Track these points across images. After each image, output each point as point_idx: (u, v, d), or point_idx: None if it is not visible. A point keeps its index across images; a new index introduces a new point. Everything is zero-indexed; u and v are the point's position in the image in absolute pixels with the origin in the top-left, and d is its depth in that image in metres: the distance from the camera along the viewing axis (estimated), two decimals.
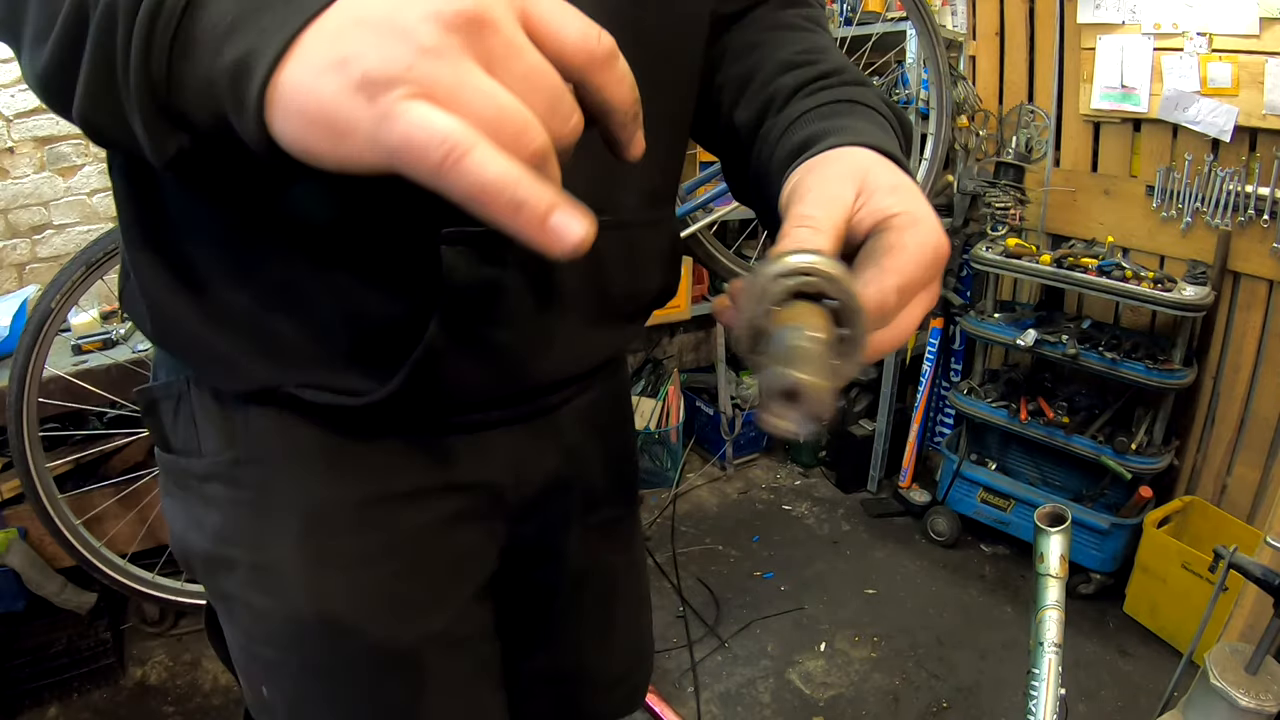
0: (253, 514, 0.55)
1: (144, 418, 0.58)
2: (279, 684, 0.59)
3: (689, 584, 2.28)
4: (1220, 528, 2.08)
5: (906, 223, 0.37)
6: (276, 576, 0.55)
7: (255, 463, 0.54)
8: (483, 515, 0.62)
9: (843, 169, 0.40)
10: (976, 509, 2.42)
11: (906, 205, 0.38)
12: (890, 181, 0.39)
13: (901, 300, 0.36)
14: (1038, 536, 1.03)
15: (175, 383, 0.56)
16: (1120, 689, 1.91)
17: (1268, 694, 1.20)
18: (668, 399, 2.82)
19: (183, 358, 0.54)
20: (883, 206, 0.38)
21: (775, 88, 0.52)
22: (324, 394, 0.51)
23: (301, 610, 0.55)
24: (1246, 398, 2.16)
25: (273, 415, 0.53)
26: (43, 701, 1.79)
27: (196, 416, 0.55)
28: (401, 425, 0.55)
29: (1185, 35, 2.08)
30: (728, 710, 1.84)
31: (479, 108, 0.27)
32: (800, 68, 0.52)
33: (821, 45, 0.55)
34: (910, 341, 2.70)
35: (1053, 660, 0.97)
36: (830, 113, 0.48)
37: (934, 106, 1.89)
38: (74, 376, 1.69)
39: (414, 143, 0.27)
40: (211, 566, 0.57)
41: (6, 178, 2.03)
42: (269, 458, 0.54)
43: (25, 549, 1.73)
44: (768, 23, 0.57)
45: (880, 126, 0.47)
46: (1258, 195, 2.01)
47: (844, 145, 0.42)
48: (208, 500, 0.56)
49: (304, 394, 0.51)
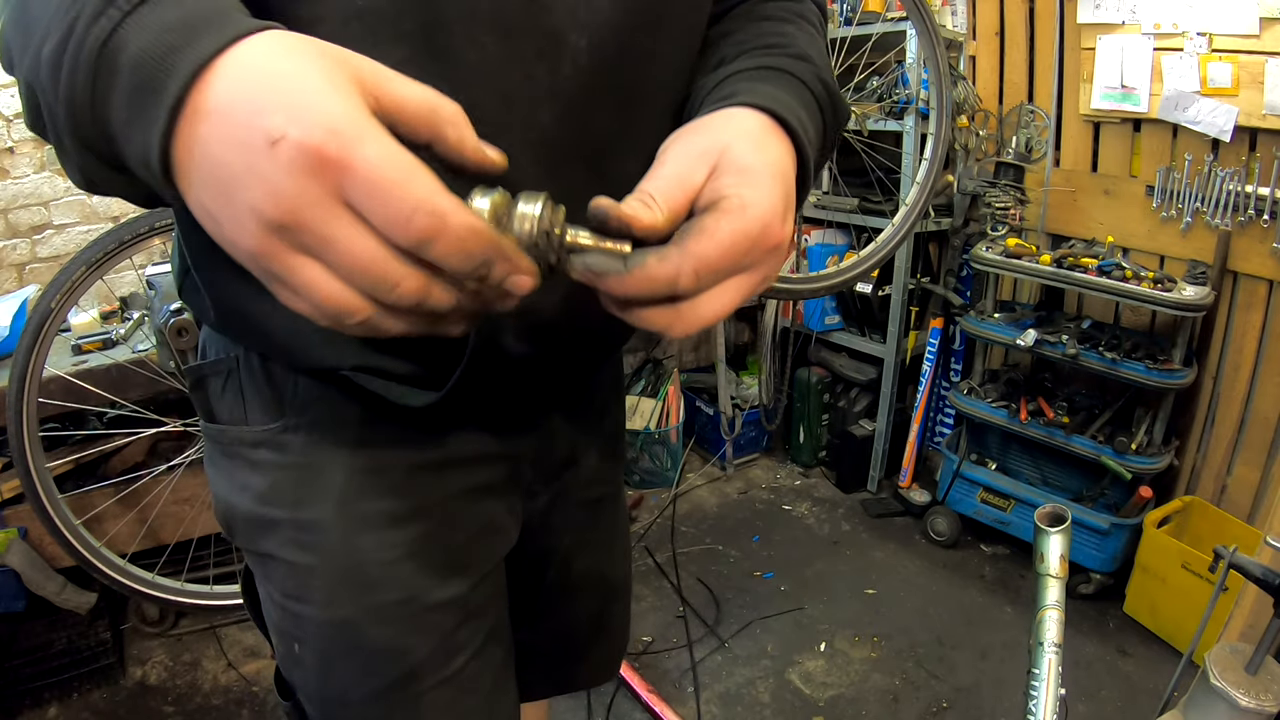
0: (297, 476, 0.59)
1: (191, 393, 0.63)
2: (311, 640, 0.62)
3: (689, 584, 2.28)
4: (1220, 528, 2.08)
5: (731, 207, 0.39)
6: (315, 534, 0.59)
7: (302, 430, 0.59)
8: (506, 489, 0.67)
9: (706, 143, 0.42)
10: (976, 509, 2.42)
11: (741, 190, 0.40)
12: (742, 163, 0.41)
13: (699, 281, 0.39)
14: (1038, 536, 1.04)
15: (225, 360, 0.60)
16: (1120, 689, 1.91)
17: (1268, 694, 1.20)
18: (668, 399, 2.82)
19: (245, 343, 0.59)
20: (721, 186, 0.40)
21: (722, 54, 0.55)
22: (375, 380, 0.55)
23: (337, 565, 0.60)
24: (1246, 398, 2.16)
25: (320, 389, 0.58)
26: (43, 701, 1.79)
27: (245, 390, 0.59)
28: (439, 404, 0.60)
29: (1185, 35, 2.08)
30: (728, 710, 1.84)
31: (308, 299, 0.34)
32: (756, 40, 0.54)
33: (787, 30, 0.56)
34: (910, 341, 2.70)
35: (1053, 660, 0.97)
36: (754, 77, 0.50)
37: (934, 106, 1.88)
38: (74, 376, 1.69)
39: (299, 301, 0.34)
40: (253, 527, 0.61)
41: (6, 178, 2.03)
42: (315, 426, 0.59)
43: (25, 549, 1.73)
44: (747, 16, 0.60)
45: (795, 95, 0.49)
46: (1258, 195, 2.01)
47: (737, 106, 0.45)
48: (254, 465, 0.60)
49: (357, 377, 0.55)
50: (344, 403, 0.58)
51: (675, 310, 0.40)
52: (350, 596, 0.60)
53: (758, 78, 0.50)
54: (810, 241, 2.81)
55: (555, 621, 0.82)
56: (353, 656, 0.61)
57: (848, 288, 2.44)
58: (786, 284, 1.66)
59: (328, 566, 0.60)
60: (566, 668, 0.87)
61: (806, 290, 1.71)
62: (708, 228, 0.39)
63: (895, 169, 2.38)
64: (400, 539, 0.61)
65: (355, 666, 0.62)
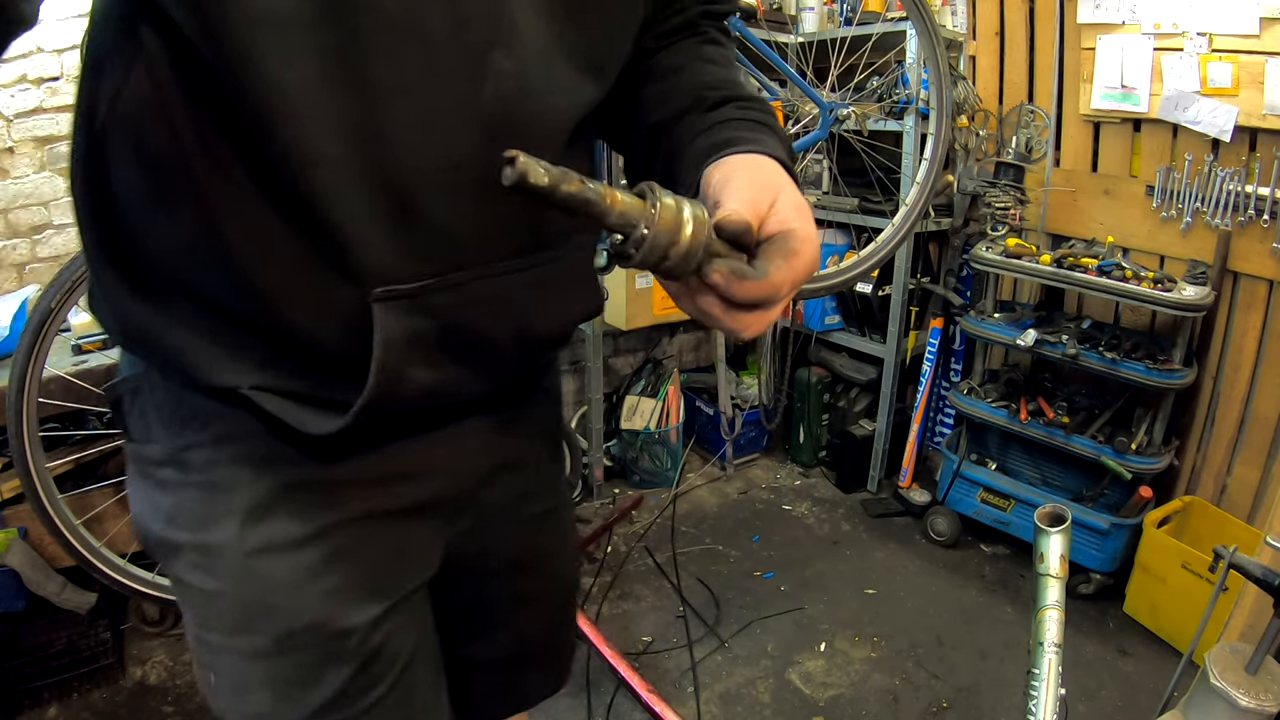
0: (199, 496, 0.58)
1: (112, 413, 0.63)
2: (223, 669, 0.60)
3: (689, 584, 2.28)
4: (1220, 528, 2.08)
5: (805, 236, 0.47)
6: (218, 558, 0.57)
7: (204, 447, 0.57)
8: (423, 508, 0.65)
9: (765, 180, 0.49)
10: (976, 509, 2.42)
11: (804, 225, 0.47)
12: (797, 201, 0.49)
13: (789, 291, 0.46)
14: (1038, 536, 1.04)
15: (132, 378, 0.60)
16: (1120, 689, 1.91)
17: (1268, 694, 1.20)
18: (668, 399, 2.82)
19: (148, 360, 0.58)
20: (787, 219, 0.47)
21: (702, 95, 0.61)
22: (275, 400, 0.54)
23: (242, 591, 0.58)
24: (1246, 398, 2.16)
25: (221, 406, 0.56)
26: (42, 701, 1.78)
27: (151, 408, 0.59)
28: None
29: (1185, 35, 2.08)
30: (728, 710, 1.84)
31: None
32: (722, 89, 0.62)
33: (737, 79, 0.65)
34: (910, 341, 2.70)
35: (1053, 660, 0.97)
36: (749, 127, 0.58)
37: (934, 106, 1.88)
38: (74, 376, 1.69)
39: None
40: (164, 551, 0.60)
41: (6, 178, 2.03)
42: (217, 444, 0.57)
43: (25, 549, 1.72)
44: (693, 55, 0.65)
45: (784, 147, 0.58)
46: (1258, 195, 2.02)
47: (759, 153, 0.53)
48: (161, 484, 0.59)
49: (256, 397, 0.54)
50: (247, 422, 0.56)
51: (764, 314, 0.46)
52: (257, 624, 0.58)
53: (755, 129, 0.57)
54: None
55: (505, 636, 0.80)
56: (265, 688, 0.59)
57: (848, 288, 2.44)
58: None
59: (232, 592, 0.58)
60: (521, 684, 0.85)
61: (807, 290, 1.71)
62: (796, 249, 0.45)
63: (895, 169, 2.38)
64: (307, 562, 0.58)
65: (268, 698, 0.59)
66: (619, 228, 0.41)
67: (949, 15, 2.59)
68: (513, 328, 0.60)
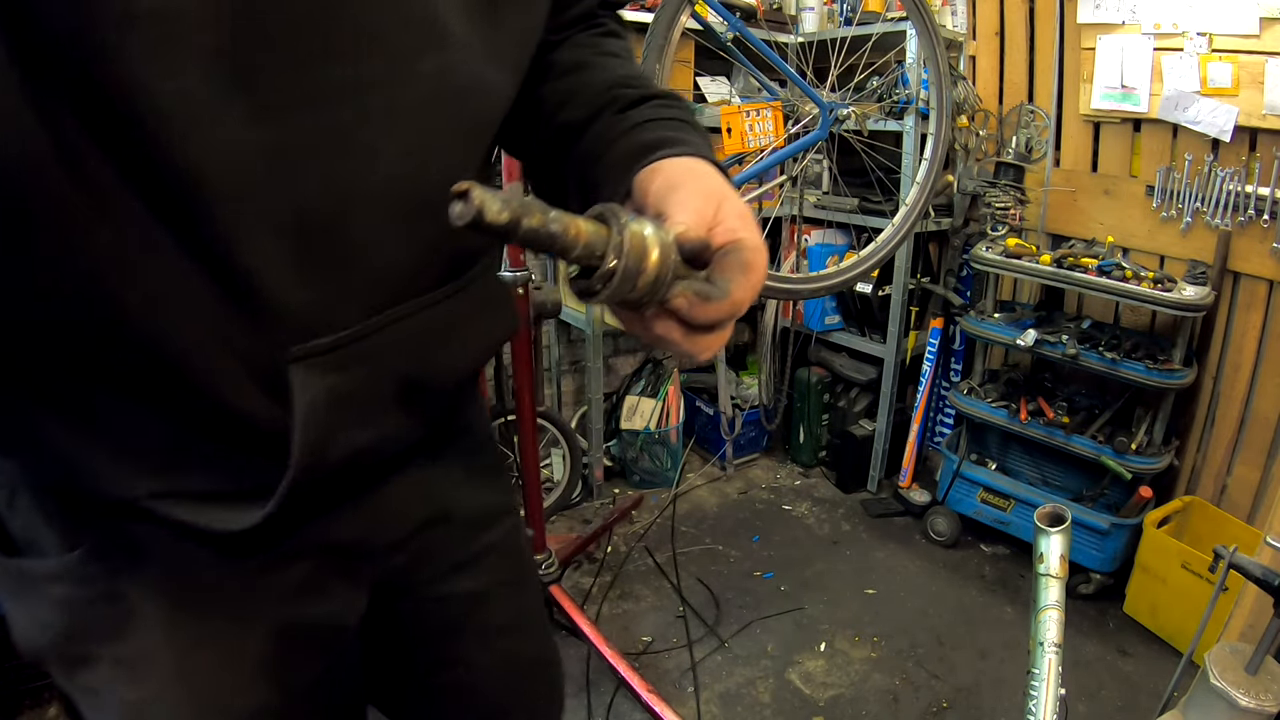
0: (108, 609, 0.53)
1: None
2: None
3: (689, 584, 2.28)
4: (1220, 528, 2.08)
5: (753, 246, 0.44)
6: (148, 666, 0.54)
7: (103, 558, 0.52)
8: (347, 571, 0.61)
9: (707, 187, 0.46)
10: (976, 509, 2.42)
11: (752, 234, 0.45)
12: (741, 209, 0.46)
13: (747, 306, 0.44)
14: (1038, 536, 1.04)
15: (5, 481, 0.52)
16: (1120, 689, 1.91)
17: (1268, 694, 1.20)
18: (667, 399, 2.82)
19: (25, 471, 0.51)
20: (734, 228, 0.44)
21: (615, 94, 0.57)
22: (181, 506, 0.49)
23: (180, 696, 0.55)
24: (1246, 398, 2.16)
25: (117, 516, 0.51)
26: (42, 702, 1.78)
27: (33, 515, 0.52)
28: None
29: (1185, 35, 2.08)
30: (728, 710, 1.84)
31: None
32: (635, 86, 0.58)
33: (642, 74, 0.62)
34: (910, 341, 2.70)
35: (1053, 660, 0.97)
36: (675, 126, 0.54)
37: (934, 106, 1.88)
38: None
39: None
40: (68, 664, 0.55)
41: None
42: (118, 551, 0.52)
43: None
44: (594, 49, 0.62)
45: (709, 146, 0.55)
46: (1258, 195, 2.02)
47: (690, 155, 0.50)
48: (54, 602, 0.53)
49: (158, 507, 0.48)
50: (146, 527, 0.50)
51: (723, 334, 0.45)
52: None
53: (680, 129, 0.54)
54: (810, 241, 2.81)
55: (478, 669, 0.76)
56: None
57: (848, 288, 2.43)
58: (786, 284, 1.66)
59: (170, 698, 0.54)
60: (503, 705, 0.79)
61: (806, 290, 1.71)
62: (750, 262, 0.43)
63: (895, 169, 2.38)
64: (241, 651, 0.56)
65: None
66: (582, 260, 0.36)
67: (949, 15, 2.59)
68: (445, 363, 0.57)
